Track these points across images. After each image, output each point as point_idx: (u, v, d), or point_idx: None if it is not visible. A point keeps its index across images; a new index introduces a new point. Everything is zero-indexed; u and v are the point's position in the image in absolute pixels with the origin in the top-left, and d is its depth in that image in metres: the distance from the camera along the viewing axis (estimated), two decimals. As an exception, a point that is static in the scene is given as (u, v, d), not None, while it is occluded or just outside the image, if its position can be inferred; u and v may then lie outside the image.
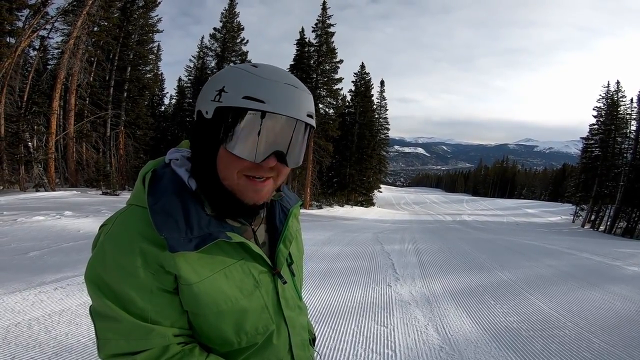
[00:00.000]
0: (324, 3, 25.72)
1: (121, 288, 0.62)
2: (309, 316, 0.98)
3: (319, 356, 2.52)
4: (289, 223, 0.82)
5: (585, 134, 28.83)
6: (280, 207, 0.83)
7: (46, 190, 13.55)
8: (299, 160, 0.68)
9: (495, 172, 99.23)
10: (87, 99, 17.86)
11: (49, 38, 16.06)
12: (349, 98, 32.02)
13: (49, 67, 16.84)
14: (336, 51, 25.72)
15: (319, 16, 25.89)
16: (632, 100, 26.21)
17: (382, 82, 36.19)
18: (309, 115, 0.66)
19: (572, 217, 29.61)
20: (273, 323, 0.74)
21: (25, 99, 14.57)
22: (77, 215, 7.47)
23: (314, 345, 0.95)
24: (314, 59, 25.72)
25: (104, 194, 14.78)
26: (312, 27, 25.98)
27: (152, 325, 0.63)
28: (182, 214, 0.65)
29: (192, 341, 0.70)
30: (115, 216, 0.68)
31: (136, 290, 0.63)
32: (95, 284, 0.64)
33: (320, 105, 25.59)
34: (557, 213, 35.33)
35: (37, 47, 15.77)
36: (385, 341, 2.83)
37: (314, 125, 0.69)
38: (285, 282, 0.77)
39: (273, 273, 0.75)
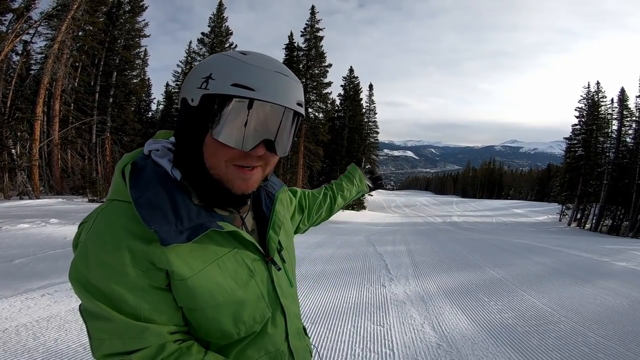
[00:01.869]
0: (313, 7, 25.88)
1: (110, 287, 0.59)
2: (304, 317, 0.96)
3: (314, 347, 2.48)
4: (276, 208, 0.81)
5: (568, 134, 29.54)
6: (265, 193, 0.82)
7: (30, 198, 13.17)
8: (286, 148, 0.68)
9: (483, 173, 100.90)
10: (72, 104, 17.51)
11: (32, 43, 15.73)
12: (338, 102, 32.15)
13: (32, 72, 16.43)
14: (325, 55, 25.85)
15: (307, 20, 26.05)
16: (612, 100, 26.96)
17: (370, 86, 36.49)
18: (299, 104, 0.65)
19: (559, 216, 30.22)
20: (269, 310, 0.73)
21: (8, 105, 14.18)
22: (63, 223, 7.29)
23: (306, 334, 0.93)
24: (303, 63, 25.78)
25: (91, 201, 14.42)
26: (301, 32, 26.11)
27: (146, 323, 0.60)
28: (170, 206, 0.62)
29: (189, 338, 0.67)
30: (96, 212, 0.64)
31: (126, 288, 0.59)
32: (81, 285, 0.60)
33: (310, 110, 25.62)
34: (544, 212, 36.00)
35: (20, 52, 15.42)
36: (383, 340, 2.82)
37: (304, 114, 0.68)
38: (279, 269, 0.76)
39: (266, 260, 0.74)
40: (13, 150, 13.67)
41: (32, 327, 2.63)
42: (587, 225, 26.64)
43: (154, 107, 29.06)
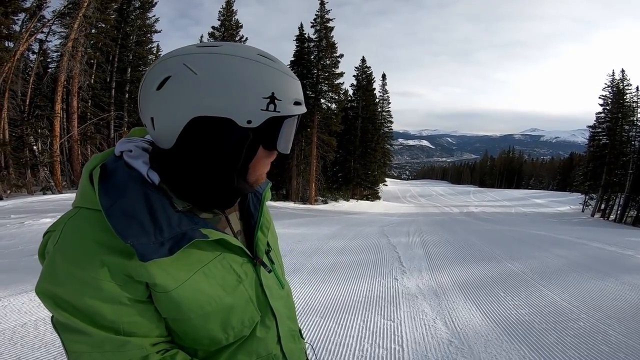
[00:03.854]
0: (322, -3, 25.47)
1: (84, 302, 0.55)
2: (314, 311, 0.92)
3: (310, 348, 2.45)
4: (263, 208, 0.77)
5: (591, 122, 28.60)
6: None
7: (53, 193, 13.67)
8: None
9: (502, 162, 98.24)
10: (89, 101, 17.90)
11: (47, 41, 16.08)
12: (350, 92, 31.86)
13: (49, 70, 16.88)
14: (336, 46, 25.50)
15: (317, 11, 25.70)
16: (637, 88, 26.11)
17: (383, 76, 35.98)
18: None
19: (582, 207, 29.27)
20: (258, 314, 0.69)
21: (27, 103, 14.65)
22: (82, 217, 7.50)
23: (302, 336, 0.89)
24: (314, 54, 25.53)
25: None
26: (311, 23, 25.79)
27: (127, 337, 0.57)
28: (147, 214, 0.57)
29: (173, 347, 0.64)
30: (63, 222, 0.58)
31: (102, 303, 0.55)
32: (51, 299, 0.56)
33: (322, 100, 25.45)
34: (566, 203, 34.94)
35: (36, 50, 15.84)
36: (393, 336, 2.77)
37: None
38: (270, 271, 0.72)
39: (254, 263, 0.70)
40: (34, 147, 14.16)
41: (49, 322, 2.67)
42: (611, 216, 25.68)
43: (168, 101, 29.48)
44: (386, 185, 40.73)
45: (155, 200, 0.59)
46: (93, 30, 16.63)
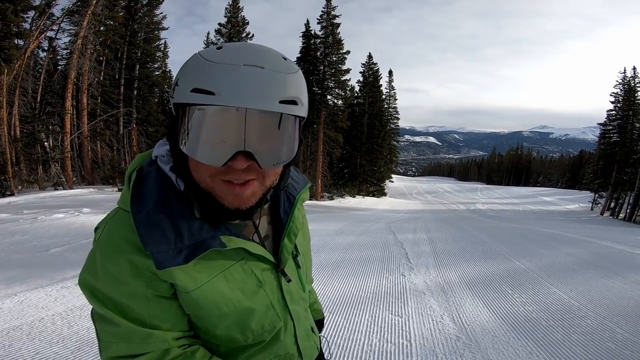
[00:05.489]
0: (329, -7, 25.33)
1: (115, 295, 0.61)
2: (322, 305, 0.96)
3: (325, 340, 2.49)
4: (294, 214, 0.75)
5: (602, 119, 28.14)
6: (286, 195, 0.76)
7: (64, 189, 13.85)
8: (281, 157, 0.58)
9: (510, 159, 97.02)
10: (99, 97, 18.12)
11: (57, 39, 16.23)
12: (357, 89, 31.80)
13: (59, 67, 17.06)
14: (342, 42, 25.39)
15: (323, 7, 25.60)
16: None
17: (390, 72, 35.86)
18: (285, 101, 0.53)
19: (591, 205, 28.90)
20: (280, 320, 0.72)
21: (38, 100, 14.84)
22: (95, 212, 7.60)
23: (323, 326, 0.92)
24: (321, 50, 25.45)
25: (120, 190, 14.99)
26: (317, 19, 25.71)
27: (151, 330, 0.62)
28: (170, 221, 0.60)
29: (194, 342, 0.68)
30: (106, 220, 0.65)
31: (130, 297, 0.61)
32: (90, 291, 0.62)
33: (329, 97, 25.40)
34: (575, 201, 34.49)
35: (45, 48, 15.99)
36: (400, 331, 2.80)
37: (294, 112, 0.55)
38: (289, 281, 0.73)
39: (277, 270, 0.72)
40: (46, 143, 14.38)
41: (66, 316, 2.73)
42: (620, 215, 25.31)
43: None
44: (392, 181, 40.66)
45: (178, 207, 0.62)
46: (102, 28, 16.78)
